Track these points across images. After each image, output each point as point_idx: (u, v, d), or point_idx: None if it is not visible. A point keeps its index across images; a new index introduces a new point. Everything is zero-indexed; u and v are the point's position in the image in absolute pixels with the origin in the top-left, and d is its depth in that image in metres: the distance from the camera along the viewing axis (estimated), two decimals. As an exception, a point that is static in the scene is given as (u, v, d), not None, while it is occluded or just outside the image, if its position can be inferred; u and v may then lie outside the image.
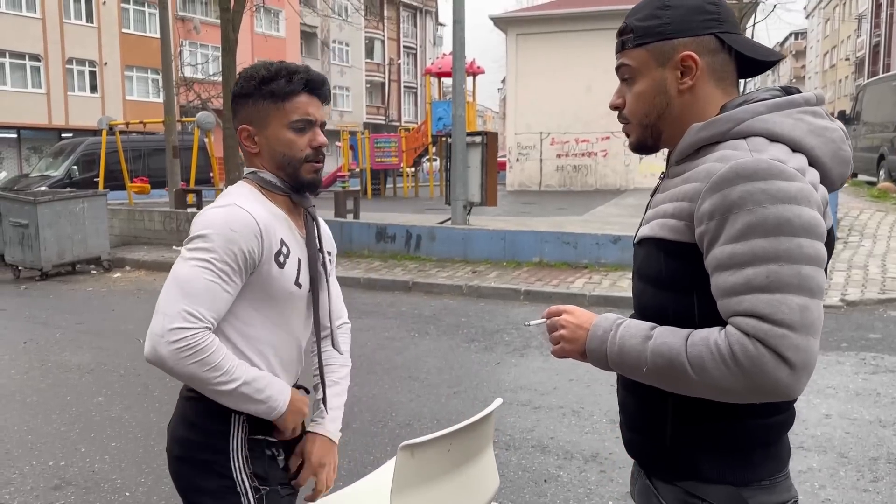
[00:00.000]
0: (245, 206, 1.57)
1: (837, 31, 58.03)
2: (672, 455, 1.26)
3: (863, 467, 3.63)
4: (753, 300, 1.08)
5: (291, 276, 1.63)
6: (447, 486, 1.77)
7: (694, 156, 1.25)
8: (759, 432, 1.22)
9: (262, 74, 1.63)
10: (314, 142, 1.65)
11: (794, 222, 1.08)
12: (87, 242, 10.46)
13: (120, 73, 32.41)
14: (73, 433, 4.32)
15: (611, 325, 1.26)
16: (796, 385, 1.07)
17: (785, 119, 1.19)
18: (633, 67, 1.29)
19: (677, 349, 1.14)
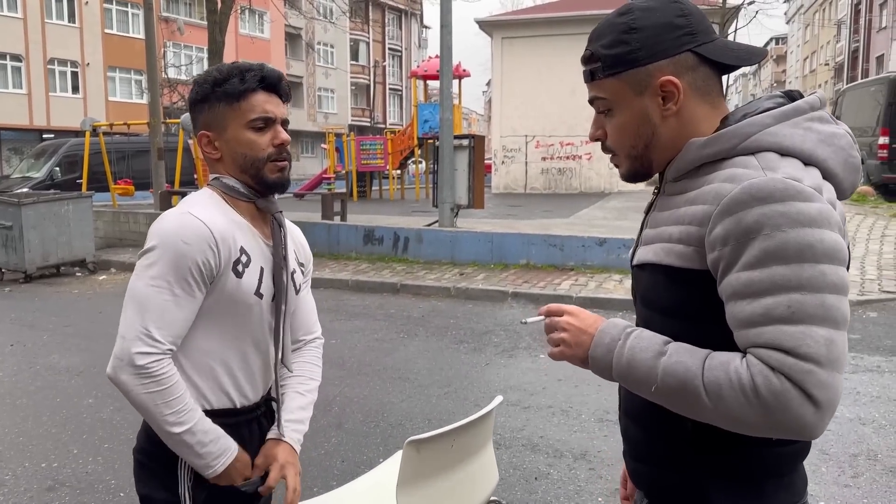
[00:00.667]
0: (199, 215, 1.52)
1: (817, 37, 58.80)
2: (682, 487, 1.19)
3: (843, 464, 3.73)
4: (776, 332, 1.00)
5: (251, 287, 1.57)
6: (450, 480, 1.83)
7: (694, 173, 1.17)
8: (772, 462, 1.16)
9: (215, 77, 1.58)
10: (276, 139, 1.58)
11: (816, 248, 1.00)
12: (71, 244, 10.40)
13: (102, 74, 32.17)
14: (65, 435, 4.33)
15: (619, 333, 1.16)
16: (820, 424, 1.00)
17: (794, 130, 1.11)
18: (609, 100, 1.20)
19: (693, 372, 1.05)
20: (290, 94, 1.66)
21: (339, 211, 12.10)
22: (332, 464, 3.89)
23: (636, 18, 1.16)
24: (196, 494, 1.57)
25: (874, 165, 13.92)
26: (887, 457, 3.80)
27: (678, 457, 1.19)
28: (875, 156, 13.77)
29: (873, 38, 41.11)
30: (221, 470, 1.55)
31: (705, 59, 1.16)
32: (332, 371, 5.45)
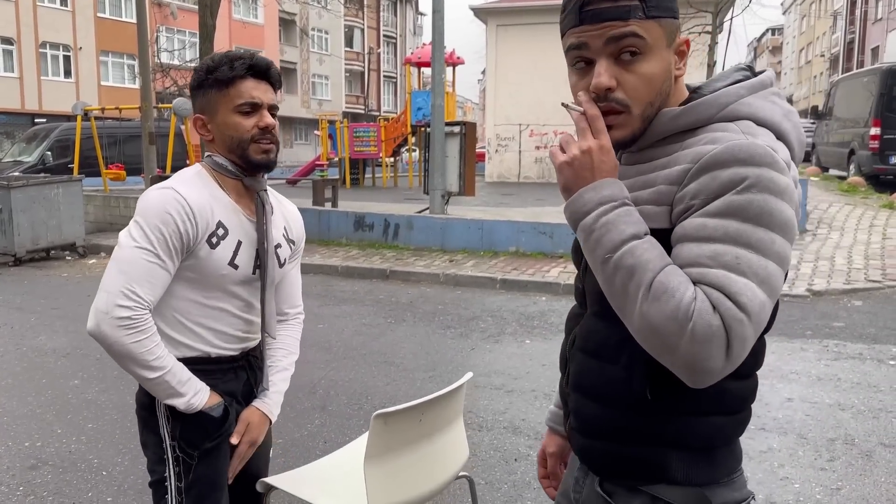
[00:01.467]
0: (180, 190, 1.67)
1: (813, 28, 58.78)
2: (640, 460, 1.19)
3: (820, 447, 3.77)
4: (721, 275, 1.00)
5: (225, 257, 1.71)
6: (418, 453, 1.85)
7: (660, 143, 1.16)
8: (725, 429, 1.19)
9: (208, 65, 1.72)
10: (261, 122, 1.71)
11: (775, 216, 1.02)
12: (61, 228, 10.38)
13: (95, 59, 31.95)
14: (50, 415, 4.34)
15: (618, 197, 1.09)
16: (720, 374, 1.01)
17: (764, 103, 1.14)
18: (647, 42, 1.10)
19: (652, 266, 1.03)
20: (280, 81, 1.81)
21: (331, 197, 12.09)
22: (314, 444, 3.91)
23: None
24: (173, 429, 1.74)
25: (865, 156, 13.96)
26: (864, 441, 3.85)
27: (637, 430, 1.18)
28: (866, 146, 13.81)
29: (869, 30, 41.11)
30: (199, 405, 1.71)
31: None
32: (319, 355, 5.48)
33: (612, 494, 1.23)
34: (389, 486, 1.74)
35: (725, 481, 1.20)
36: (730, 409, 1.18)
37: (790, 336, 5.84)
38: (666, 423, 1.16)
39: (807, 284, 7.28)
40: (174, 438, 1.74)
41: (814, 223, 10.18)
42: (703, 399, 1.14)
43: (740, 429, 1.22)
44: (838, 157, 16.01)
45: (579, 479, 1.34)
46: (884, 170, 13.73)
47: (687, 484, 1.17)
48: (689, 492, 1.17)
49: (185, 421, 1.73)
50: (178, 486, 1.73)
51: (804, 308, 6.69)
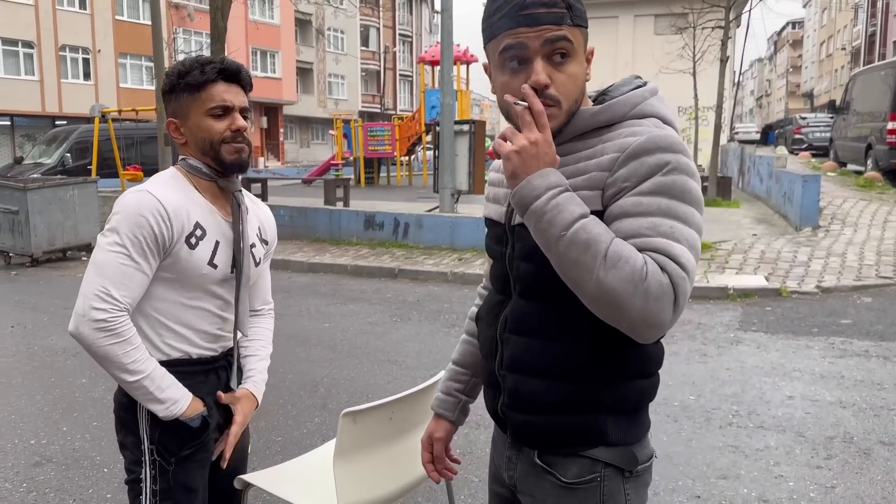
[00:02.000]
0: (154, 192, 1.69)
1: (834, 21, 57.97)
2: (582, 426, 1.30)
3: (818, 446, 3.75)
4: (662, 242, 1.15)
5: (204, 257, 1.73)
6: (389, 451, 1.87)
7: (579, 137, 1.29)
8: (647, 391, 1.34)
9: (179, 69, 1.74)
10: (233, 125, 1.74)
11: (693, 194, 1.20)
12: (77, 229, 10.54)
13: (113, 61, 32.32)
14: (56, 413, 4.43)
15: (562, 184, 1.19)
16: (669, 327, 1.16)
17: (661, 105, 1.32)
18: (573, 46, 1.24)
19: (604, 238, 1.14)
20: (251, 83, 1.83)
21: (342, 196, 12.16)
22: (313, 442, 3.95)
23: None
24: (152, 433, 1.75)
25: (882, 150, 13.75)
26: (863, 439, 3.82)
27: (579, 400, 1.30)
28: (884, 141, 13.60)
29: (891, 22, 40.47)
30: (178, 413, 1.72)
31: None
32: (323, 353, 5.53)
33: (552, 464, 1.33)
34: (359, 484, 1.77)
35: (644, 440, 1.37)
36: (650, 373, 1.34)
37: (796, 333, 5.80)
38: (603, 390, 1.29)
39: (816, 281, 7.21)
40: (153, 442, 1.76)
41: (827, 219, 10.07)
42: (632, 365, 1.30)
43: (655, 389, 1.38)
44: (856, 151, 15.79)
45: (511, 458, 1.41)
46: (901, 165, 13.52)
47: (621, 444, 1.32)
48: (623, 450, 1.32)
49: (164, 426, 1.75)
50: (153, 488, 1.76)
51: (812, 305, 6.63)
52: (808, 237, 9.22)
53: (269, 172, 25.96)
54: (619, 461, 1.31)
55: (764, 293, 7.03)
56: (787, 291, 6.98)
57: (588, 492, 1.31)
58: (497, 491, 1.48)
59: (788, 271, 7.64)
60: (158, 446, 1.75)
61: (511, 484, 1.42)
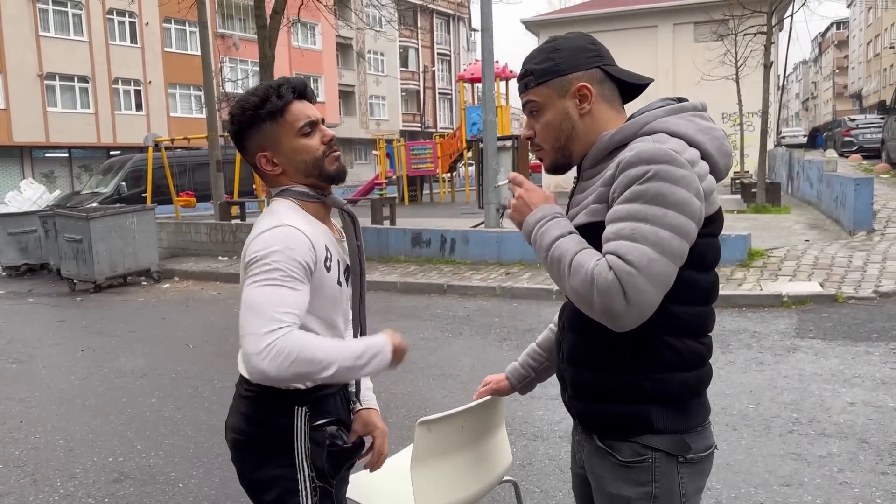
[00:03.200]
0: (295, 224, 1.66)
1: (881, 20, 56.55)
2: (629, 415, 1.47)
3: (882, 451, 3.71)
4: (618, 244, 1.34)
5: (335, 277, 1.75)
6: (461, 459, 1.97)
7: (607, 158, 1.49)
8: (690, 382, 1.48)
9: (254, 102, 1.71)
10: (325, 137, 1.75)
11: (667, 197, 1.34)
12: (137, 255, 10.94)
13: (164, 91, 33.45)
14: (130, 432, 4.64)
15: (550, 213, 1.49)
16: (628, 316, 1.33)
17: (680, 120, 1.46)
18: (539, 102, 1.53)
19: (571, 252, 1.40)
20: (315, 95, 1.83)
21: (388, 215, 12.36)
22: (375, 456, 4.06)
23: (559, 43, 1.54)
24: (314, 459, 1.71)
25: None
26: (929, 445, 3.76)
27: (623, 389, 1.47)
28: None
29: (941, 18, 39.29)
30: (389, 354, 1.69)
31: (610, 77, 1.53)
32: (379, 369, 5.65)
33: (611, 447, 1.50)
34: (435, 489, 1.87)
35: (700, 429, 1.51)
36: (690, 365, 1.48)
37: (855, 339, 5.71)
38: (644, 382, 1.46)
39: (873, 286, 7.08)
40: (313, 469, 1.72)
41: (882, 222, 9.85)
42: (667, 359, 1.45)
43: (704, 383, 1.52)
44: (909, 152, 15.39)
45: (581, 441, 1.62)
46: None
47: (669, 432, 1.47)
48: (672, 438, 1.47)
49: (327, 452, 1.73)
50: None
51: (871, 310, 6.51)
52: (862, 241, 9.05)
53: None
54: (670, 447, 1.46)
55: (819, 299, 6.93)
56: (844, 297, 6.87)
57: (641, 470, 1.47)
58: (576, 472, 1.69)
59: (844, 276, 7.51)
60: (319, 471, 1.72)
61: (581, 465, 1.62)
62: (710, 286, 1.50)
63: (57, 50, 29.61)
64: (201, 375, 5.73)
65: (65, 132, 30.10)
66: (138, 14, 31.52)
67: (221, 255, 12.66)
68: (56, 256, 11.27)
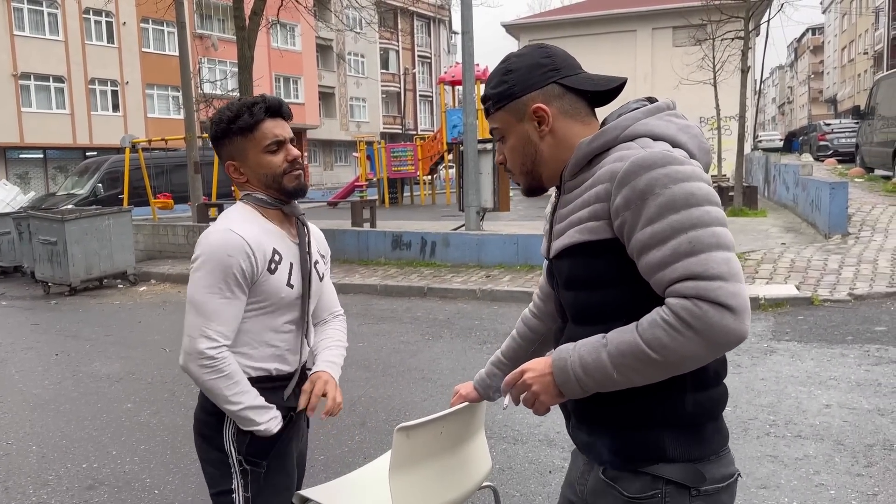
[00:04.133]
0: (237, 230, 1.83)
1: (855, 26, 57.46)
2: (639, 442, 1.35)
3: (857, 453, 3.75)
4: (685, 265, 1.21)
5: (283, 279, 1.89)
6: (440, 465, 1.95)
7: (587, 167, 1.40)
8: (706, 404, 1.36)
9: (228, 116, 1.87)
10: (289, 156, 1.91)
11: (697, 194, 1.24)
12: (113, 258, 10.79)
13: (141, 92, 33.09)
14: (105, 437, 4.57)
15: (567, 353, 1.33)
16: (742, 326, 1.19)
17: (659, 121, 1.39)
18: (501, 128, 1.48)
19: (633, 341, 1.23)
20: (291, 113, 1.98)
21: (369, 217, 12.32)
22: (354, 460, 4.04)
23: (511, 63, 1.46)
24: (239, 445, 1.90)
25: (911, 155, 13.61)
26: (903, 446, 3.81)
27: (633, 415, 1.36)
28: (911, 145, 13.47)
29: (913, 25, 40.00)
30: (275, 429, 1.89)
31: (570, 89, 1.43)
32: (358, 373, 5.63)
33: (616, 480, 1.39)
34: (414, 496, 1.85)
35: (715, 458, 1.37)
36: (703, 384, 1.36)
37: (830, 342, 5.78)
38: (656, 405, 1.34)
39: (848, 289, 7.17)
40: (240, 453, 1.90)
41: (856, 226, 9.99)
42: (678, 378, 1.29)
43: (721, 404, 1.40)
44: (883, 156, 15.63)
45: (584, 472, 1.51)
46: (931, 168, 13.36)
47: (682, 460, 1.34)
48: (686, 467, 1.34)
49: (250, 437, 1.89)
50: (245, 495, 1.89)
51: (846, 313, 6.60)
52: (837, 245, 9.17)
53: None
54: (683, 478, 1.34)
55: (795, 302, 7.00)
56: (819, 300, 6.95)
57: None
58: (569, 498, 1.57)
59: (819, 279, 7.60)
60: (247, 456, 1.90)
61: (583, 499, 1.50)
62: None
63: (32, 49, 29.17)
64: (178, 380, 5.66)
65: (40, 133, 29.65)
66: (115, 14, 31.17)
67: (199, 257, 12.52)
68: (30, 259, 11.10)
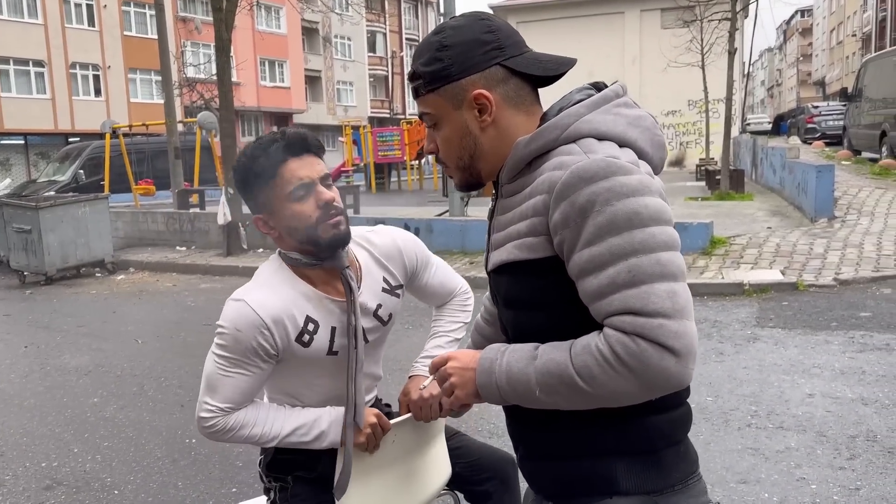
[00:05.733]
0: (253, 302, 1.60)
1: (843, 7, 57.36)
2: (588, 474, 1.21)
3: (840, 445, 3.65)
4: (623, 297, 1.06)
5: (322, 349, 1.68)
6: (392, 475, 1.82)
7: (526, 169, 1.22)
8: (664, 428, 1.21)
9: (244, 162, 1.63)
10: (320, 200, 1.60)
11: (642, 213, 1.08)
12: (90, 246, 10.59)
13: (123, 76, 32.57)
14: (67, 434, 4.42)
15: (496, 354, 1.21)
16: (684, 371, 1.05)
17: (606, 116, 1.20)
18: (433, 114, 1.26)
19: (563, 363, 1.10)
20: (322, 146, 1.69)
21: (352, 203, 12.14)
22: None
23: (447, 37, 1.23)
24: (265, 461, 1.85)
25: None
26: (886, 437, 3.71)
27: (580, 443, 1.21)
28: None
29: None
30: (335, 439, 1.72)
31: (515, 72, 1.23)
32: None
33: None
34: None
35: (681, 488, 1.21)
36: (663, 406, 1.19)
37: (815, 328, 5.69)
38: (605, 430, 1.19)
39: (833, 273, 7.09)
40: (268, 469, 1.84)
41: (842, 209, 9.91)
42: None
43: (682, 426, 1.24)
44: (870, 139, 15.58)
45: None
46: (918, 150, 13.31)
47: (638, 493, 1.19)
48: (643, 500, 1.18)
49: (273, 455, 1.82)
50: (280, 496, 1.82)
51: (830, 298, 6.51)
52: (823, 229, 9.08)
53: (280, 181, 25.97)
54: None
55: (780, 287, 6.91)
56: (804, 285, 6.86)
57: None
58: None
59: (805, 264, 7.51)
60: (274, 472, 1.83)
61: None
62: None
63: (10, 33, 28.58)
64: (148, 373, 5.51)
65: (20, 118, 29.13)
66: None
67: (179, 244, 12.35)
68: (5, 248, 10.88)
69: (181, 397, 4.96)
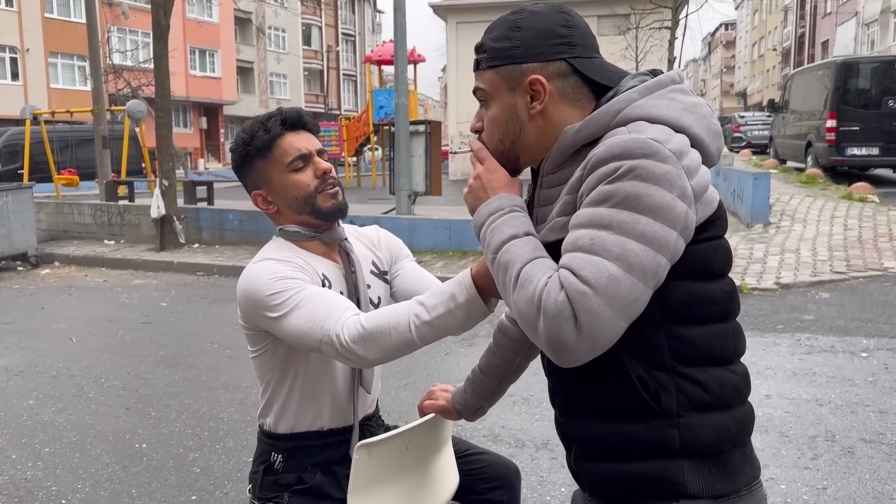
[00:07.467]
0: (275, 257, 1.63)
1: (765, 22, 59.97)
2: (653, 475, 1.15)
3: (803, 445, 3.74)
4: (573, 256, 1.06)
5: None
6: (406, 483, 1.72)
7: (573, 159, 1.19)
8: (730, 427, 1.17)
9: (243, 138, 1.67)
10: (317, 171, 1.67)
11: (642, 200, 1.05)
12: (11, 238, 9.97)
13: (43, 60, 30.98)
14: (2, 440, 4.10)
15: (506, 204, 1.21)
16: (577, 350, 1.04)
17: (659, 101, 1.17)
18: (487, 91, 1.25)
19: (522, 259, 1.12)
20: (316, 124, 1.75)
21: (294, 199, 11.86)
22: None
23: (523, 19, 1.22)
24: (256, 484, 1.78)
25: (822, 148, 14.19)
26: (844, 437, 3.83)
27: (645, 441, 1.15)
28: (823, 139, 14.04)
29: (819, 24, 42.05)
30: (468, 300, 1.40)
31: (579, 72, 1.21)
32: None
33: None
34: (378, 521, 1.62)
35: (746, 494, 1.17)
36: (725, 403, 1.17)
37: (762, 330, 5.85)
38: (670, 429, 1.14)
39: (775, 277, 7.32)
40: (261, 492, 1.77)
41: (777, 215, 10.29)
42: (695, 396, 1.15)
43: (746, 427, 1.21)
44: (795, 149, 16.27)
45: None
46: (840, 161, 13.97)
47: (706, 496, 1.14)
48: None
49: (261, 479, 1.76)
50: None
51: (774, 301, 6.72)
52: (760, 234, 9.40)
53: (211, 175, 25.28)
54: None
55: (725, 290, 7.08)
56: (748, 288, 7.06)
57: None
58: None
59: (746, 268, 7.74)
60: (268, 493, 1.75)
61: None
62: (727, 297, 1.19)
63: (-82, 9, 26.80)
64: (86, 373, 5.18)
65: (-72, 100, 27.36)
66: (15, -26, 29.03)
67: (107, 238, 11.78)
68: (-84, 238, 10.11)
69: (126, 399, 4.68)
